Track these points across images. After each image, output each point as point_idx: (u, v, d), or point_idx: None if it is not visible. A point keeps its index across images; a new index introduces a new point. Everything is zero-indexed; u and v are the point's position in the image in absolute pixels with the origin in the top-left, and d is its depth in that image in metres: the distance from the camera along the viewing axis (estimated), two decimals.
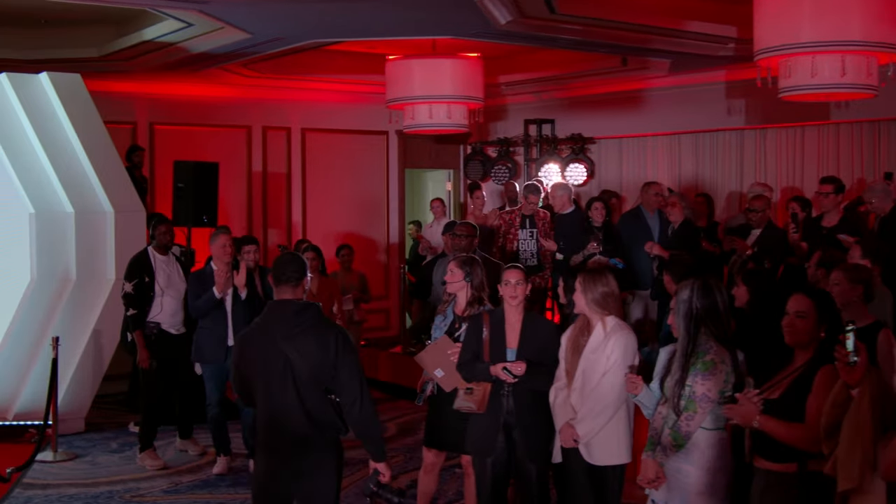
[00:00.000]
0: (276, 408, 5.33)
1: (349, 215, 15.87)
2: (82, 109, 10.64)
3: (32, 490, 8.49)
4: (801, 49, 8.60)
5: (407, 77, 12.71)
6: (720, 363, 5.15)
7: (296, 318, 5.35)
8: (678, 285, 5.46)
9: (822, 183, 9.94)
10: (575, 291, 5.98)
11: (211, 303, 8.77)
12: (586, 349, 5.89)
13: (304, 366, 5.28)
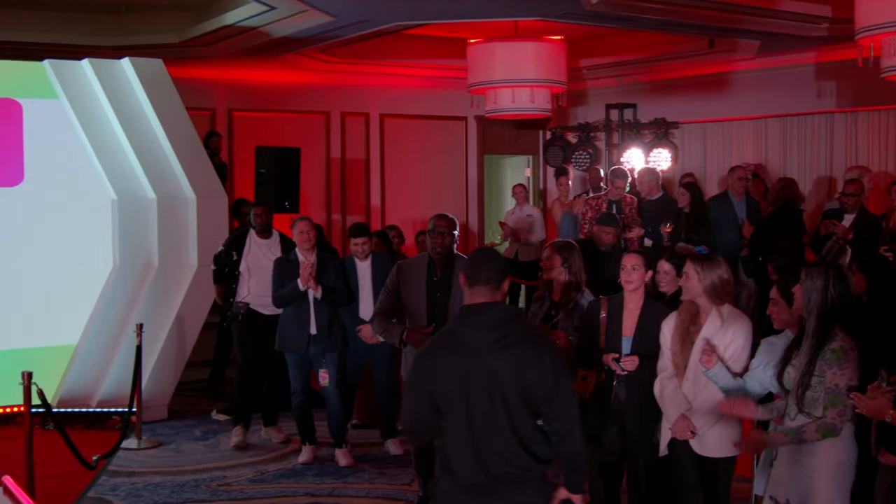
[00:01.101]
0: (480, 436, 4.29)
1: (428, 201, 15.69)
2: (164, 95, 10.58)
3: (118, 478, 8.43)
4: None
5: (489, 61, 12.53)
6: (850, 350, 4.89)
7: (505, 327, 4.34)
8: (806, 272, 5.15)
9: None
10: (686, 278, 5.70)
11: (294, 293, 8.65)
12: (699, 338, 5.63)
13: (515, 384, 4.28)
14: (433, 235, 7.23)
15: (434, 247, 7.21)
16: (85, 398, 10.29)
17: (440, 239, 7.19)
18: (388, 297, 7.35)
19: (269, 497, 7.92)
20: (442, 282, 7.18)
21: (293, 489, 8.12)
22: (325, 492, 8.04)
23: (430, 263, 7.26)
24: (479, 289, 4.41)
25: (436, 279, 7.21)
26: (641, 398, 5.98)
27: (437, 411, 4.37)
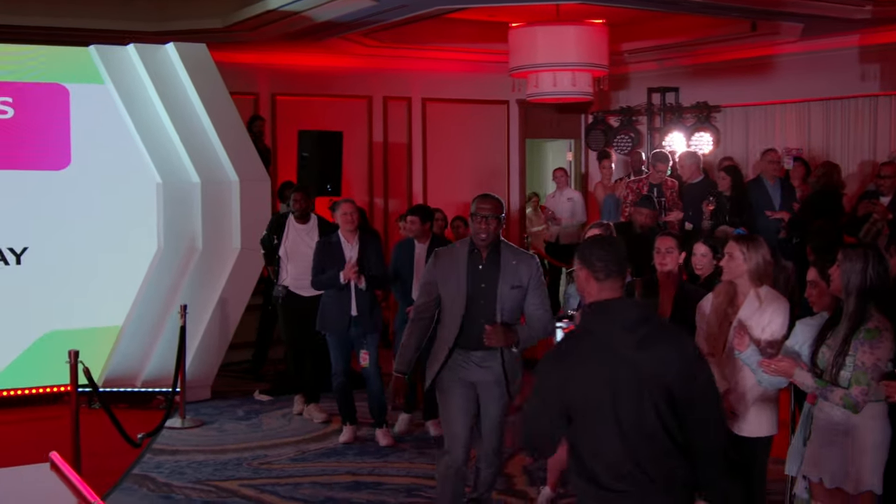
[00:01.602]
0: (629, 439, 4.02)
1: (469, 185, 15.74)
2: (208, 79, 10.69)
3: (162, 455, 8.58)
4: None
5: (531, 44, 12.61)
6: (885, 330, 4.92)
7: (646, 323, 4.13)
8: (844, 254, 5.17)
9: None
10: (728, 258, 5.70)
11: (333, 283, 8.75)
12: (738, 317, 5.66)
13: (662, 381, 4.05)
14: (476, 220, 6.18)
15: (478, 233, 6.16)
16: (130, 378, 10.45)
17: (485, 224, 6.14)
18: (426, 293, 6.42)
19: (310, 475, 8.04)
20: (487, 272, 6.22)
21: (333, 468, 8.23)
22: (365, 471, 8.15)
23: (471, 251, 6.26)
24: (612, 282, 4.15)
25: (481, 268, 6.22)
26: None
27: (566, 420, 4.11)
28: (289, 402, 10.26)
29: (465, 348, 6.24)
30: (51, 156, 10.35)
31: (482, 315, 6.17)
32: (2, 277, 10.17)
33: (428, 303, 6.39)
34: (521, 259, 6.27)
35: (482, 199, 6.29)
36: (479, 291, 6.25)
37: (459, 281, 6.26)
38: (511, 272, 6.19)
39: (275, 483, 7.84)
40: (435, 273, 6.40)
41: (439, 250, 6.57)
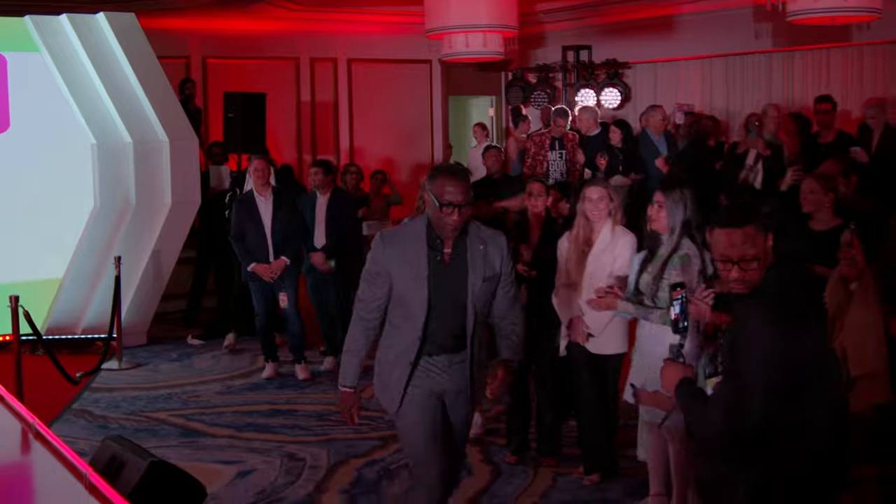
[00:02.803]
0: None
1: (395, 141, 16.59)
2: (137, 46, 11.38)
3: (100, 393, 9.40)
4: None
5: (445, 8, 13.29)
6: (694, 257, 5.82)
7: (815, 287, 4.28)
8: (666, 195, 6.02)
9: (819, 102, 10.46)
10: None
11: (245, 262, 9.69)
12: (592, 252, 6.57)
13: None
14: (444, 209, 4.89)
15: (443, 224, 4.94)
16: (70, 326, 11.22)
17: (456, 215, 4.91)
18: (375, 285, 5.11)
19: (233, 406, 8.91)
20: (454, 264, 5.06)
21: (255, 399, 9.10)
22: (282, 401, 9.03)
23: (431, 236, 5.03)
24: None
25: (444, 258, 5.03)
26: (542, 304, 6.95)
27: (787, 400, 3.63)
28: (220, 346, 11.11)
29: (428, 355, 5.09)
30: None
31: (448, 317, 5.06)
32: None
33: (378, 299, 5.11)
34: (490, 240, 5.12)
35: (450, 179, 4.96)
36: (444, 288, 5.05)
37: (419, 277, 5.01)
38: (481, 260, 5.06)
39: (201, 412, 8.70)
40: (384, 262, 5.06)
41: (386, 233, 5.30)
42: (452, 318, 5.08)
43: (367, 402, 6.86)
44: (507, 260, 5.17)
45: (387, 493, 6.72)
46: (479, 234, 5.13)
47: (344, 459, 7.37)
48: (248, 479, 7.03)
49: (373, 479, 7.02)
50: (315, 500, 6.67)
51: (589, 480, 6.82)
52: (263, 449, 7.67)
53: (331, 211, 9.94)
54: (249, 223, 9.62)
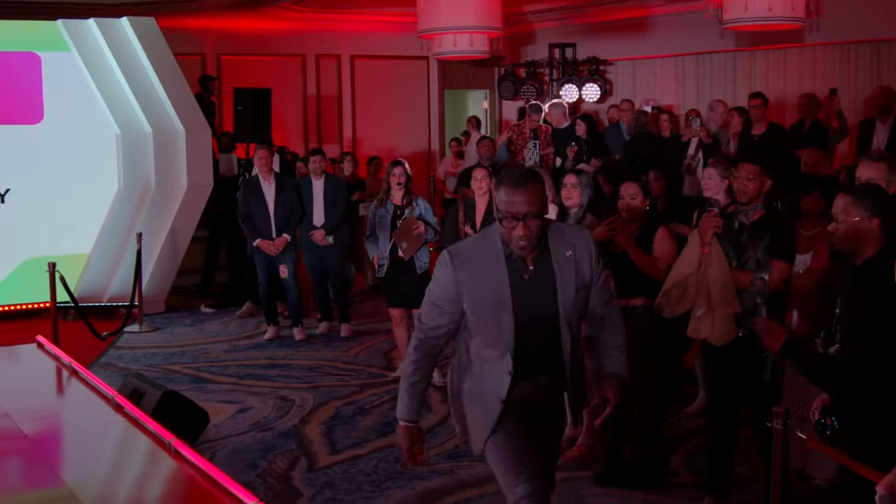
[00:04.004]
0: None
1: (395, 131, 17.96)
2: (156, 47, 12.76)
3: (123, 350, 10.83)
4: None
5: (435, 10, 14.63)
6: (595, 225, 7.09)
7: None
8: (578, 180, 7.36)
9: (752, 98, 11.74)
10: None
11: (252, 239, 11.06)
12: None
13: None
14: (507, 222, 4.30)
15: (514, 240, 4.32)
16: (97, 295, 12.63)
17: (522, 229, 4.29)
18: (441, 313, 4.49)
19: (238, 360, 10.32)
20: (539, 279, 4.43)
21: (256, 356, 10.51)
22: (280, 356, 10.44)
23: (508, 248, 4.39)
24: None
25: (527, 277, 4.41)
26: None
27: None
28: (229, 314, 12.52)
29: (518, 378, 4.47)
30: (27, 112, 12.34)
31: (539, 339, 4.46)
32: None
33: (444, 326, 4.52)
34: (576, 241, 4.52)
35: (509, 189, 4.29)
36: (531, 308, 4.43)
37: (501, 300, 4.39)
38: (571, 268, 4.47)
39: (209, 365, 10.12)
40: (455, 286, 4.43)
41: (456, 250, 4.52)
42: (544, 340, 4.46)
43: (354, 357, 8.23)
44: (596, 259, 4.52)
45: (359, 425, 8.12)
46: (565, 238, 4.48)
47: (326, 401, 8.79)
48: (246, 415, 8.44)
49: (349, 414, 8.42)
50: (300, 429, 8.06)
51: None
52: (260, 393, 9.08)
53: (326, 193, 11.30)
54: (255, 204, 11.01)
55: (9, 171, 12.29)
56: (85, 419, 6.76)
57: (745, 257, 5.99)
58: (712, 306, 6.00)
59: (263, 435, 7.92)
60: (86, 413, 6.82)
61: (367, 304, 12.73)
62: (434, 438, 7.75)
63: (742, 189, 6.00)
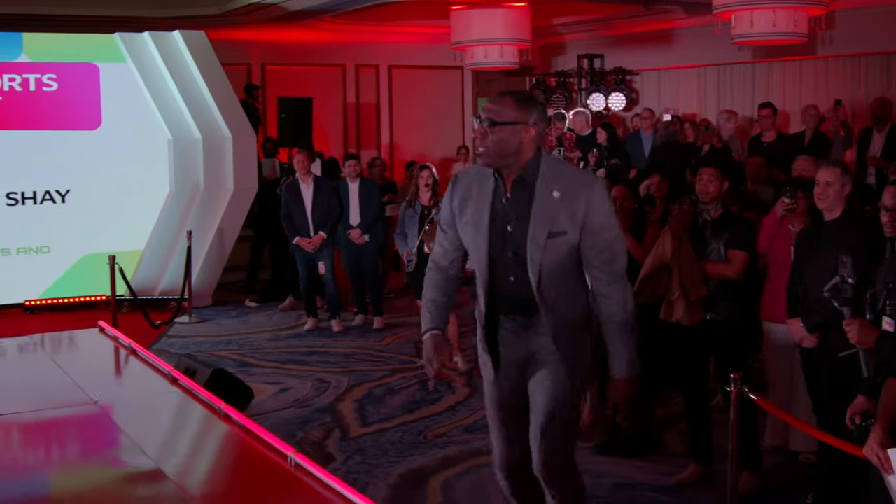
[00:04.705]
0: None
1: (430, 138, 18.82)
2: (206, 58, 13.64)
3: (174, 339, 11.75)
4: (743, 6, 11.27)
5: (467, 24, 15.51)
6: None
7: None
8: None
9: (762, 108, 12.54)
10: None
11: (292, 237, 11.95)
12: None
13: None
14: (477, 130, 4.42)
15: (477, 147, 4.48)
16: (150, 289, 13.55)
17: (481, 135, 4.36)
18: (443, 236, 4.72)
19: (279, 348, 11.22)
20: (514, 210, 4.42)
21: (296, 344, 11.41)
22: (318, 345, 11.33)
23: (497, 178, 4.43)
24: None
25: (504, 202, 4.43)
26: None
27: None
28: (272, 308, 13.43)
29: (504, 313, 4.58)
30: (86, 119, 13.25)
31: (513, 276, 4.47)
32: (51, 213, 13.14)
33: (450, 251, 4.68)
34: (573, 185, 4.35)
35: (492, 99, 4.45)
36: (504, 240, 4.45)
37: (480, 224, 4.47)
38: (551, 210, 4.34)
39: (253, 352, 11.03)
40: (451, 207, 4.60)
41: (459, 173, 4.73)
42: (518, 278, 4.44)
43: (386, 346, 9.13)
44: (599, 212, 4.33)
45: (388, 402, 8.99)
46: (561, 177, 4.35)
47: (359, 383, 9.66)
48: (286, 394, 9.33)
49: (379, 394, 9.29)
50: (334, 406, 8.94)
51: None
52: (300, 375, 9.97)
53: (361, 195, 12.18)
54: (295, 205, 11.91)
55: (69, 174, 13.22)
56: (145, 390, 7.72)
57: (708, 249, 6.82)
58: (684, 291, 6.82)
59: (301, 411, 8.80)
60: (145, 385, 7.77)
61: (402, 300, 13.57)
62: (455, 415, 8.60)
63: (704, 190, 6.82)
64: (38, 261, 13.18)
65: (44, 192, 13.17)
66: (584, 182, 4.39)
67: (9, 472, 6.29)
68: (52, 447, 6.51)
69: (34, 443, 6.64)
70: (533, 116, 4.37)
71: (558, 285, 4.44)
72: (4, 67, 12.88)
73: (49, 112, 13.13)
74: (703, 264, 6.78)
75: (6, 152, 12.91)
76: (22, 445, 6.63)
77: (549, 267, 4.39)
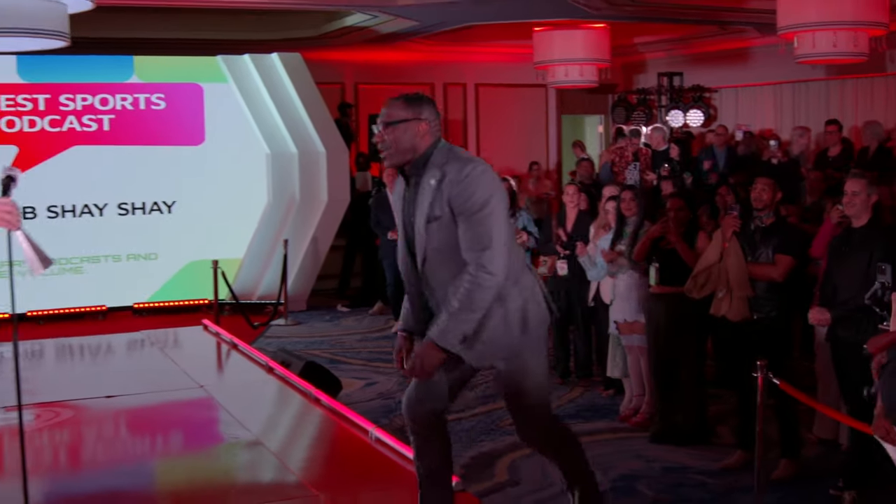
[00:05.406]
0: None
1: (516, 154, 19.54)
2: (302, 78, 14.54)
3: (270, 339, 12.62)
4: (805, 28, 11.88)
5: (549, 44, 16.27)
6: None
7: None
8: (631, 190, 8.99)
9: (828, 124, 13.14)
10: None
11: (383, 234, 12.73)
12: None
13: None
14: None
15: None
16: (248, 294, 14.45)
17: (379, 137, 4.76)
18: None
19: (368, 348, 12.05)
20: (412, 202, 4.73)
21: (384, 345, 12.18)
22: None
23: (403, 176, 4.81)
24: None
25: (406, 195, 4.80)
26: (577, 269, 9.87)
27: None
28: (363, 312, 14.30)
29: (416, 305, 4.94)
30: (190, 135, 14.27)
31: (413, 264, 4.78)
32: (158, 223, 14.16)
33: None
34: (450, 170, 4.56)
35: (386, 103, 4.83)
36: (406, 226, 4.81)
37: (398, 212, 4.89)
38: (429, 196, 4.58)
39: (344, 351, 11.88)
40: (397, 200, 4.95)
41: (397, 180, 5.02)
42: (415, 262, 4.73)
43: None
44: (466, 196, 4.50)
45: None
46: (445, 165, 4.57)
47: None
48: (373, 388, 10.15)
49: None
50: None
51: (606, 394, 9.74)
52: (386, 372, 10.78)
53: None
54: (382, 215, 12.76)
55: (175, 186, 14.24)
56: (244, 377, 8.66)
57: (757, 253, 7.46)
58: (730, 289, 7.48)
59: (386, 402, 9.60)
60: (245, 373, 8.70)
61: None
62: None
63: (758, 197, 7.47)
64: (146, 266, 14.20)
65: (152, 203, 14.19)
66: (459, 167, 4.52)
67: (130, 438, 7.24)
68: (163, 421, 7.46)
69: (149, 417, 7.60)
70: (423, 112, 4.68)
71: (444, 269, 4.59)
72: (117, 88, 13.96)
73: (157, 129, 14.18)
74: (749, 266, 7.42)
75: (118, 166, 13.95)
76: (139, 419, 7.59)
77: (433, 253, 4.58)
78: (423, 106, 4.74)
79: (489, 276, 4.47)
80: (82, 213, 13.93)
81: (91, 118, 13.89)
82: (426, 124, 4.67)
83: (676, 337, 8.11)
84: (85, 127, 13.86)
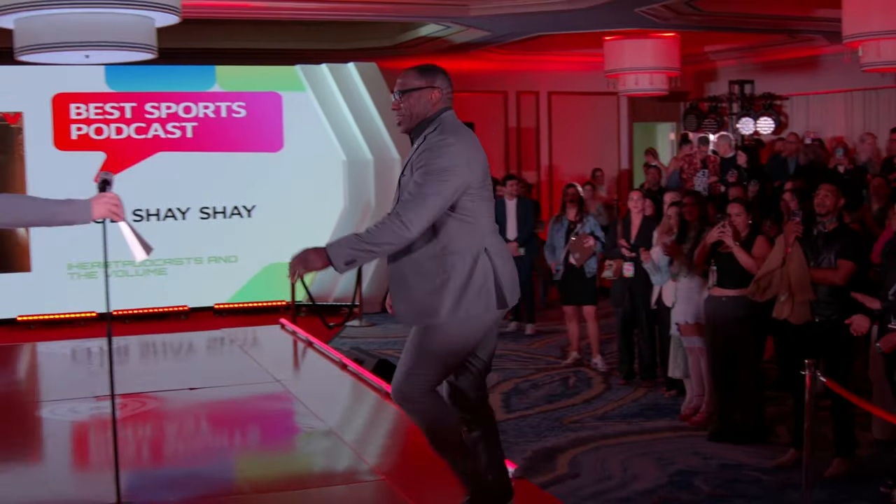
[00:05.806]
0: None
1: (588, 160, 19.80)
2: (377, 86, 14.97)
3: (346, 339, 13.03)
4: (870, 37, 12.05)
5: (619, 53, 16.55)
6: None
7: None
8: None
9: (893, 132, 13.29)
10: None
11: None
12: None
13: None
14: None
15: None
16: (325, 296, 14.92)
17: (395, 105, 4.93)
18: None
19: None
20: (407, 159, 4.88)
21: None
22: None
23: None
24: None
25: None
26: (641, 274, 10.17)
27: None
28: None
29: None
30: (270, 142, 14.82)
31: None
32: (239, 227, 14.72)
33: None
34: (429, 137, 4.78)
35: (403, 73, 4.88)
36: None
37: None
38: (409, 166, 4.85)
39: None
40: None
41: None
42: None
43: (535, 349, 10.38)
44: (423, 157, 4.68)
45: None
46: (432, 133, 4.75)
47: (508, 378, 10.81)
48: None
49: (525, 388, 10.43)
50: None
51: (668, 395, 10.02)
52: None
53: (518, 212, 13.33)
54: None
55: (255, 191, 14.78)
56: (319, 373, 9.09)
57: (820, 258, 7.67)
58: (792, 293, 7.73)
59: None
60: (320, 369, 9.13)
61: (552, 310, 14.64)
62: (589, 406, 9.70)
63: (821, 203, 7.69)
64: (226, 268, 14.76)
65: (232, 208, 14.74)
66: (439, 136, 4.66)
67: (212, 428, 7.71)
68: (242, 412, 7.91)
69: (229, 408, 8.06)
70: (436, 80, 4.81)
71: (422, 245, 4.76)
72: (199, 96, 14.54)
73: (237, 136, 14.74)
74: (812, 271, 7.65)
75: (200, 172, 14.54)
76: (220, 410, 8.05)
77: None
78: (436, 74, 4.86)
79: (403, 228, 4.57)
80: (166, 216, 14.52)
81: (175, 125, 14.48)
82: (438, 92, 4.81)
83: (735, 338, 8.37)
84: (169, 134, 14.46)
